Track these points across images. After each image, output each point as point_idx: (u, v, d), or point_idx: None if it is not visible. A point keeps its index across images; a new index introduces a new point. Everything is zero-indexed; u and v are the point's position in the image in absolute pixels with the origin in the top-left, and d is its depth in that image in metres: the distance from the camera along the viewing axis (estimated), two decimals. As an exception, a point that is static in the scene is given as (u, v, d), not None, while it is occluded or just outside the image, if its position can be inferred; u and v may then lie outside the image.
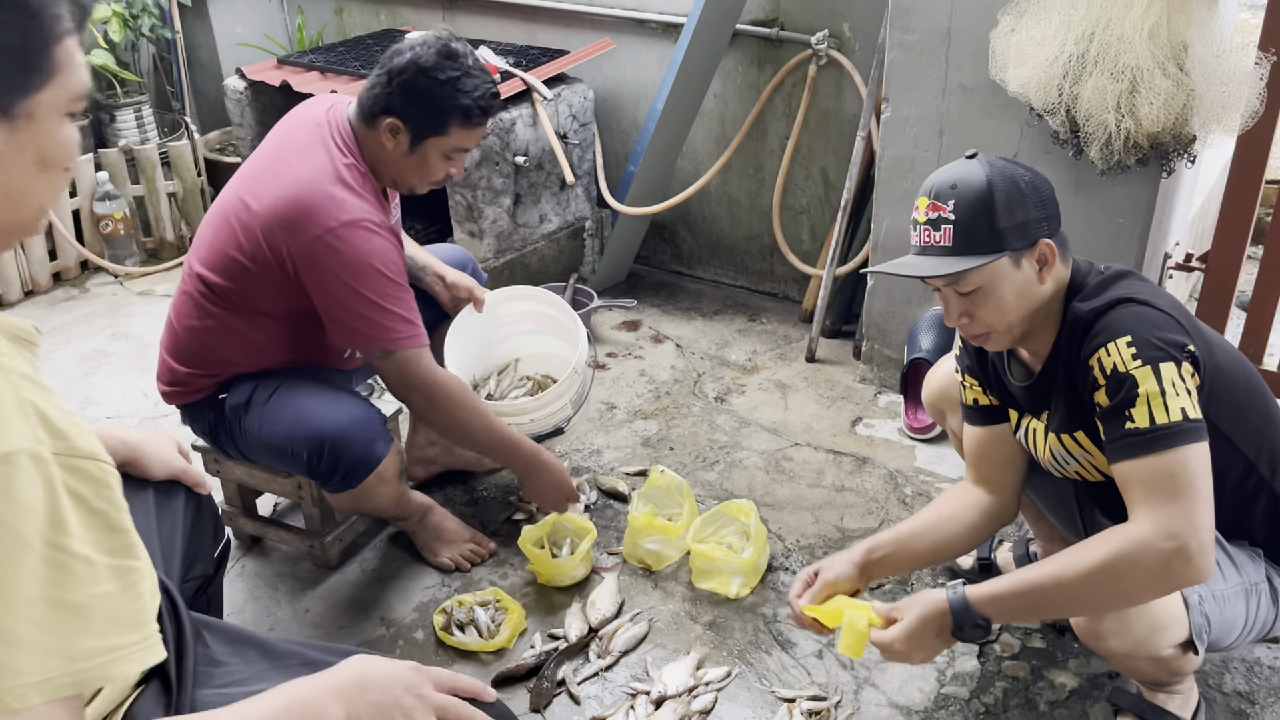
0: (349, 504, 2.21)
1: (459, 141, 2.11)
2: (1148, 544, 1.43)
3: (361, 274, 1.99)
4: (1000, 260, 1.57)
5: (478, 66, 2.09)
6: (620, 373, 3.20)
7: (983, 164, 1.60)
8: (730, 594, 2.24)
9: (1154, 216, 2.44)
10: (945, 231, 1.59)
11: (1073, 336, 1.61)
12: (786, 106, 3.36)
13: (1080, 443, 1.68)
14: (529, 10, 3.78)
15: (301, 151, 2.06)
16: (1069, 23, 2.18)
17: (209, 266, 2.09)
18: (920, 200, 1.63)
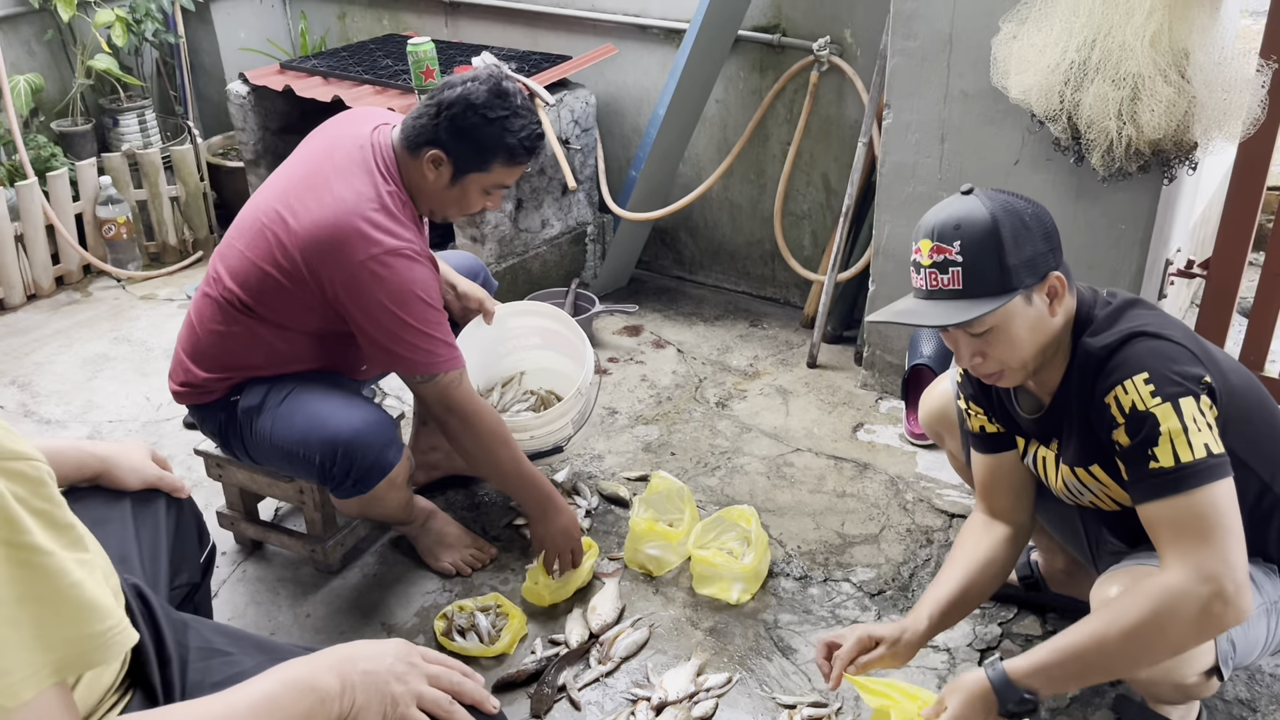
0: (358, 509, 2.21)
1: (500, 178, 2.13)
2: (1185, 592, 1.41)
3: (405, 301, 2.01)
4: (1013, 300, 1.53)
5: (526, 106, 2.11)
6: (622, 378, 3.20)
7: (982, 199, 1.55)
8: (731, 600, 2.24)
9: (1155, 223, 2.44)
10: (954, 274, 1.53)
11: (1085, 371, 1.58)
12: (788, 112, 3.37)
13: (1096, 476, 1.66)
14: (531, 16, 3.78)
15: (344, 172, 2.06)
16: (1070, 30, 2.18)
17: (240, 276, 2.09)
18: (922, 243, 1.58)
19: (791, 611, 2.23)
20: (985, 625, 2.16)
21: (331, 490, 2.15)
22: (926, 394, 2.08)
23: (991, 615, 2.18)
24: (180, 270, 4.01)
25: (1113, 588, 1.59)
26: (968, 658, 2.09)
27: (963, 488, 2.58)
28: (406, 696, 1.16)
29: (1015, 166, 2.55)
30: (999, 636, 2.13)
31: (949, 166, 2.65)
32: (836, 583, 2.31)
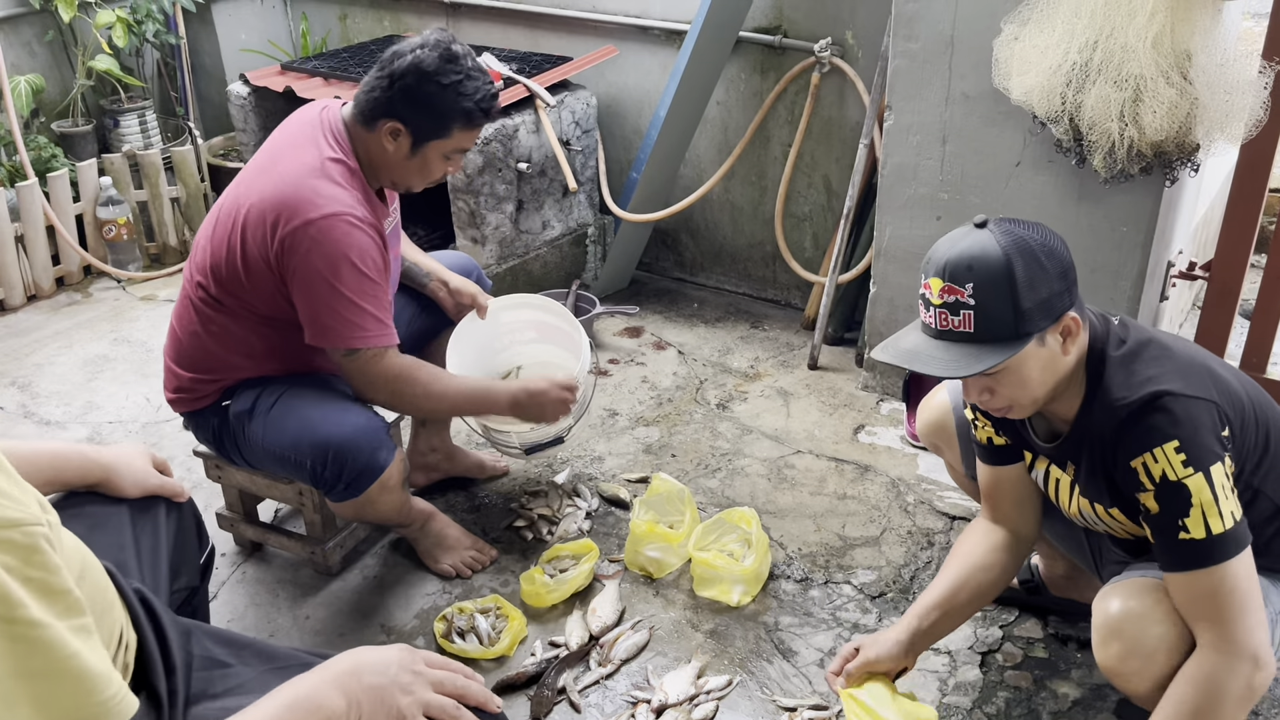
0: (352, 512, 2.20)
1: (459, 143, 2.11)
2: (1230, 671, 1.44)
3: (337, 267, 1.98)
4: (1027, 345, 1.49)
5: (477, 68, 2.09)
6: (622, 379, 3.19)
7: (996, 236, 1.48)
8: (732, 602, 2.23)
9: (1157, 225, 2.44)
10: (965, 317, 1.48)
11: (1106, 419, 1.55)
12: (789, 114, 3.36)
13: (1115, 516, 1.65)
14: (532, 17, 3.78)
15: (291, 149, 2.07)
16: (1072, 31, 2.18)
17: (206, 271, 2.10)
18: (932, 280, 1.52)
19: (792, 614, 2.22)
20: (986, 628, 2.16)
21: (325, 494, 2.14)
22: (923, 406, 2.05)
23: (993, 618, 2.18)
24: (180, 271, 4.01)
25: (1114, 601, 1.57)
26: (969, 660, 2.08)
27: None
28: (413, 707, 1.15)
29: (1017, 168, 2.54)
30: (1000, 639, 2.13)
31: (950, 168, 2.65)
32: (838, 585, 2.31)
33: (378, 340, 2.05)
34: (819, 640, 2.15)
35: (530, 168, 3.32)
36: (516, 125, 3.26)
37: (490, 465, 2.72)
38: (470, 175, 3.18)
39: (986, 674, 2.05)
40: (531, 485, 2.68)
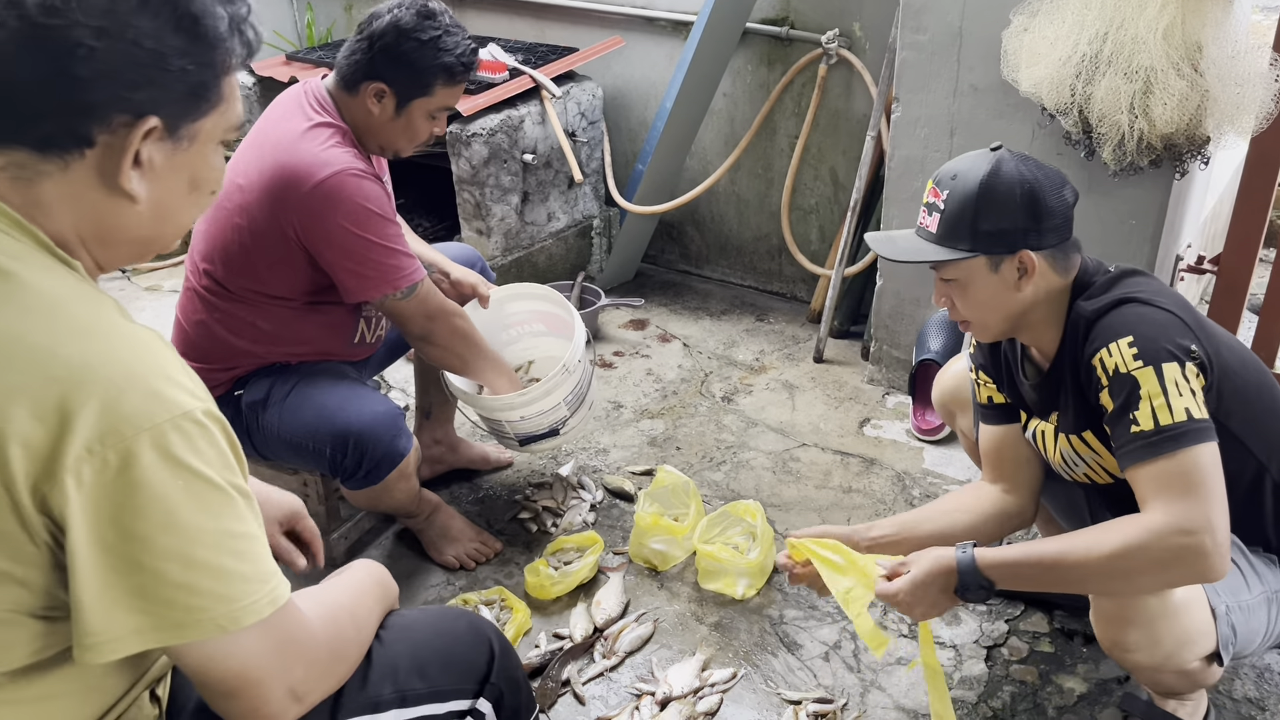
0: (367, 500, 2.21)
1: (443, 100, 2.12)
2: (1162, 536, 1.41)
3: (362, 219, 2.00)
4: (974, 260, 1.59)
5: (455, 24, 2.11)
6: (627, 372, 3.19)
7: (990, 161, 1.59)
8: (736, 595, 2.23)
9: (1166, 218, 2.43)
10: (934, 219, 1.61)
11: (1075, 336, 1.60)
12: (796, 106, 3.35)
13: (1088, 443, 1.67)
14: (538, 7, 3.77)
15: (280, 125, 2.07)
16: (1082, 23, 2.16)
17: (210, 257, 2.09)
18: (929, 182, 1.65)
19: (797, 607, 2.22)
20: (992, 622, 2.15)
21: (342, 482, 2.14)
22: (942, 372, 2.10)
23: (999, 612, 2.17)
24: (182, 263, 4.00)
25: None
26: (974, 654, 2.08)
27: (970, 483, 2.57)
28: None
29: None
30: (1005, 634, 2.12)
31: (958, 161, 2.64)
32: (842, 578, 2.30)
33: (420, 274, 2.10)
34: (824, 634, 2.14)
35: (536, 159, 3.32)
36: (522, 116, 3.25)
37: (495, 457, 2.71)
38: (476, 166, 3.18)
39: (992, 668, 2.05)
40: (536, 477, 2.68)
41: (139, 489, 0.90)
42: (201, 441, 0.94)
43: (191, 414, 0.93)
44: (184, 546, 0.92)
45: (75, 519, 0.89)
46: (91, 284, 0.99)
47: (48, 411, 0.88)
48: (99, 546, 0.90)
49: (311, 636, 1.07)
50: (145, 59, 0.94)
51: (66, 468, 0.88)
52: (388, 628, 1.28)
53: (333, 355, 2.23)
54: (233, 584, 0.95)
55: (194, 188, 1.04)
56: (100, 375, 0.90)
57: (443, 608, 1.44)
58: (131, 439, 0.89)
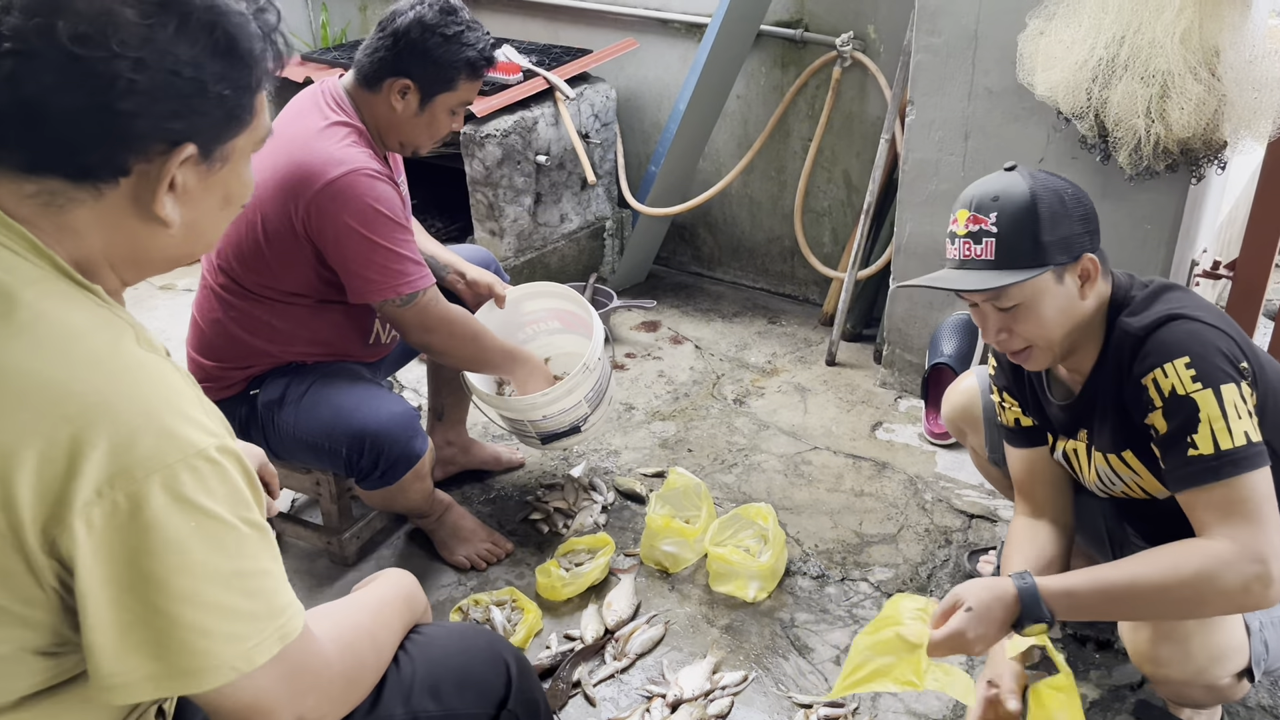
0: (382, 500, 2.21)
1: (465, 95, 2.15)
2: (1231, 563, 1.38)
3: (370, 219, 2.00)
4: (1043, 275, 1.52)
5: (475, 20, 2.14)
6: (639, 373, 3.19)
7: (1024, 176, 1.55)
8: (748, 598, 2.22)
9: (1182, 223, 2.41)
10: (987, 245, 1.53)
11: (1121, 353, 1.56)
12: (810, 108, 3.35)
13: (1128, 462, 1.63)
14: (552, 9, 3.77)
15: (296, 123, 2.08)
16: (1099, 26, 2.15)
17: (226, 255, 2.10)
18: (959, 213, 1.58)
19: (808, 610, 2.22)
20: (1004, 627, 2.14)
21: (358, 482, 2.15)
22: (951, 389, 2.06)
23: (1011, 617, 2.16)
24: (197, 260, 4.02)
25: None
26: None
27: (982, 488, 2.56)
28: None
29: (1040, 164, 2.52)
30: (1018, 639, 2.11)
31: (972, 164, 2.63)
32: (854, 582, 2.30)
33: (424, 282, 2.09)
34: (835, 637, 2.14)
35: (549, 160, 3.32)
36: (535, 118, 3.26)
37: (506, 458, 2.72)
38: (489, 168, 3.18)
39: (1004, 673, 2.04)
40: (548, 478, 2.68)
41: (151, 531, 0.89)
42: (214, 480, 0.93)
43: (205, 452, 0.92)
44: (196, 587, 0.91)
45: (85, 563, 0.88)
46: (110, 309, 0.97)
47: (58, 452, 0.87)
48: (112, 589, 0.89)
49: (326, 664, 1.06)
50: (186, 89, 0.92)
51: (76, 512, 0.87)
52: (407, 644, 1.27)
53: (348, 355, 2.23)
54: (244, 623, 0.95)
55: (226, 204, 1.04)
56: (112, 414, 0.88)
57: (462, 624, 1.43)
58: (142, 481, 0.88)
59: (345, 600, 1.25)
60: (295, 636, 0.99)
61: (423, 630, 1.31)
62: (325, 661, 1.06)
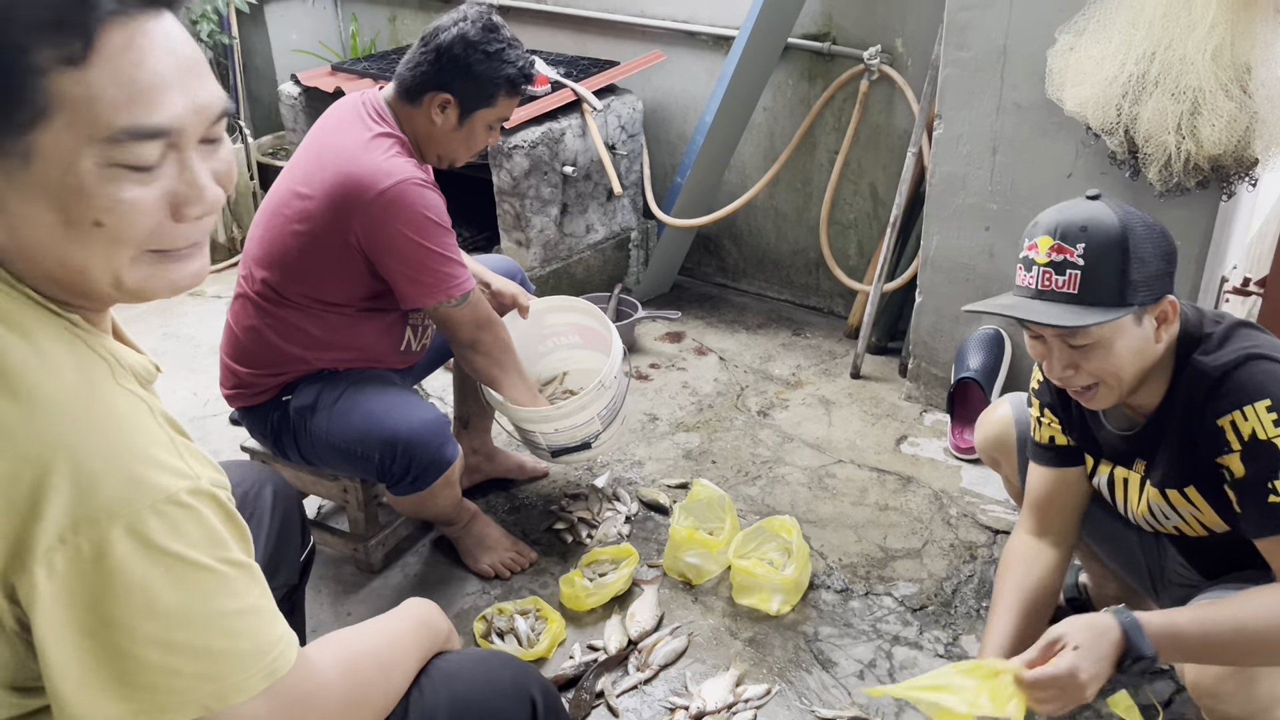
0: (411, 506, 2.24)
1: (502, 111, 2.20)
2: None
3: (422, 227, 2.05)
4: (1127, 315, 1.47)
5: (515, 38, 2.18)
6: (663, 384, 3.19)
7: (1112, 207, 1.49)
8: (771, 611, 2.22)
9: (1212, 239, 2.40)
10: (1071, 277, 1.47)
11: (1194, 391, 1.51)
12: (836, 121, 3.35)
13: (1190, 499, 1.59)
14: (580, 21, 3.80)
15: (339, 134, 2.12)
16: (1129, 42, 2.15)
17: (266, 264, 2.13)
18: (1041, 239, 1.51)
19: (832, 624, 2.21)
20: (1029, 644, 2.13)
21: (389, 487, 2.16)
22: (984, 418, 2.02)
23: (1036, 634, 2.15)
24: (228, 268, 4.07)
25: None
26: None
27: (1008, 503, 2.55)
28: None
29: (1069, 180, 2.51)
30: (1043, 656, 2.10)
31: (1000, 178, 2.63)
32: (878, 597, 2.29)
33: (472, 282, 2.16)
34: (859, 651, 2.14)
35: (576, 171, 3.34)
36: (563, 129, 3.28)
37: (530, 467, 2.73)
38: (516, 178, 3.20)
39: (1029, 691, 2.02)
40: (571, 488, 2.69)
41: (115, 577, 0.86)
42: (187, 523, 0.90)
43: (174, 496, 0.89)
44: (166, 632, 0.89)
45: (45, 608, 0.86)
46: (85, 342, 0.93)
47: (20, 496, 0.84)
48: (74, 634, 0.87)
49: (323, 689, 1.04)
50: None
51: (37, 558, 0.84)
52: (430, 674, 1.25)
53: (380, 362, 2.26)
54: (220, 663, 0.92)
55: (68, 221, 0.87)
56: (76, 458, 0.86)
57: (488, 654, 1.41)
58: (106, 527, 0.86)
59: (355, 626, 1.24)
60: (285, 671, 0.97)
61: (447, 659, 1.29)
62: (322, 685, 1.04)
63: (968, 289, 2.80)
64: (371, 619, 1.28)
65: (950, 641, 2.15)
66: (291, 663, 0.99)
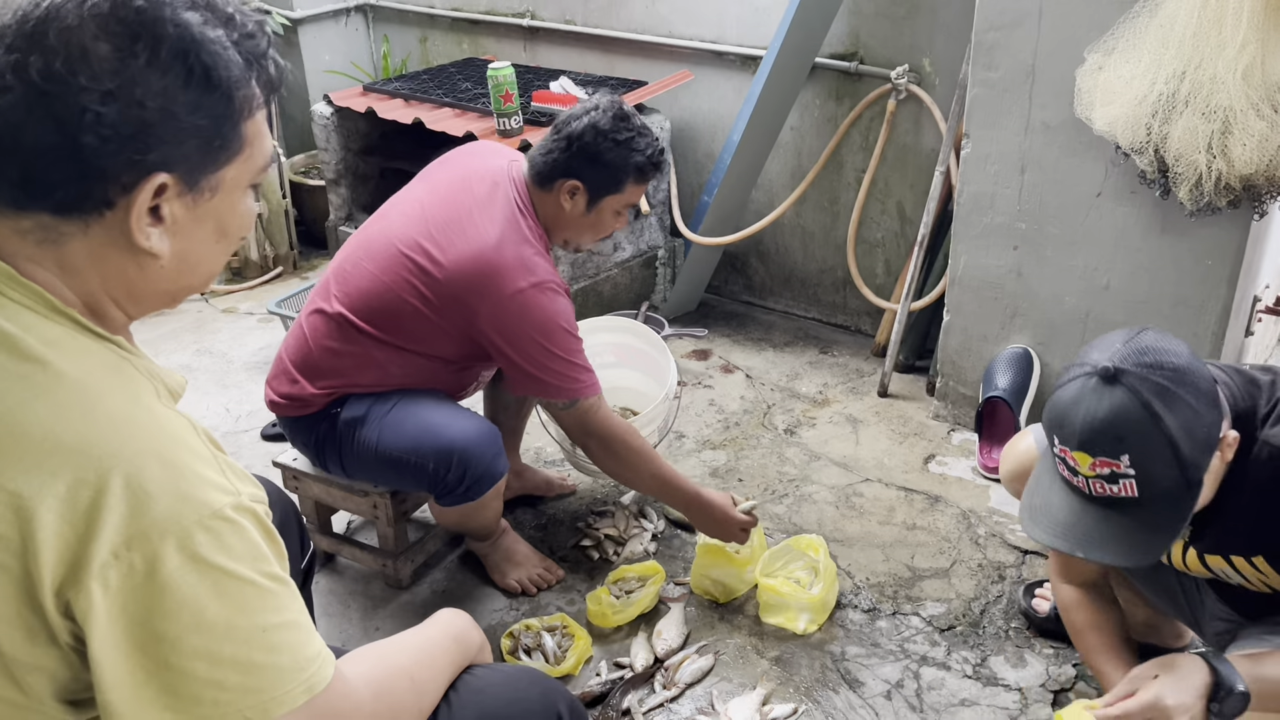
0: (458, 518, 2.26)
1: (630, 197, 2.23)
2: None
3: (550, 333, 2.09)
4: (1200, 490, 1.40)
5: (645, 126, 2.22)
6: (689, 402, 3.20)
7: (1128, 392, 1.36)
8: (798, 630, 2.22)
9: (1244, 259, 2.38)
10: (1125, 485, 1.38)
11: (1262, 468, 1.45)
12: (864, 140, 3.36)
13: (1258, 566, 1.54)
14: (608, 41, 3.83)
15: (486, 207, 2.13)
16: (1159, 62, 2.15)
17: (370, 298, 2.12)
18: (1078, 455, 1.40)
19: (859, 644, 2.20)
20: (1059, 666, 2.11)
21: (440, 498, 2.18)
22: (1009, 450, 2.00)
23: (1065, 656, 2.14)
24: (261, 285, 4.12)
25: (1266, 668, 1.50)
26: (1040, 698, 2.04)
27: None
28: None
29: (1097, 199, 2.51)
30: (1074, 678, 2.08)
31: (1029, 198, 2.62)
32: (906, 616, 2.28)
33: (590, 390, 2.17)
34: (886, 671, 2.13)
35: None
36: (591, 148, 3.30)
37: (558, 483, 2.74)
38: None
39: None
40: (598, 505, 2.70)
41: (166, 592, 0.90)
42: (231, 537, 0.93)
43: (220, 512, 0.93)
44: (212, 645, 0.92)
45: (100, 624, 0.89)
46: (129, 363, 0.98)
47: (77, 515, 0.88)
48: (126, 648, 0.90)
49: (356, 707, 1.06)
50: (154, 119, 0.92)
51: (92, 574, 0.88)
52: (459, 689, 1.26)
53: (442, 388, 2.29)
54: (262, 677, 0.95)
55: (221, 236, 1.02)
56: (129, 477, 0.89)
57: (517, 669, 1.41)
58: (158, 543, 0.89)
59: (388, 640, 1.26)
60: (323, 687, 0.99)
61: (476, 674, 1.30)
62: (356, 704, 1.06)
63: (996, 308, 2.79)
64: (406, 632, 1.29)
65: (979, 662, 2.14)
66: (329, 679, 1.00)
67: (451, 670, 1.27)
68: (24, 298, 0.94)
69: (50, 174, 0.91)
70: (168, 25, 0.92)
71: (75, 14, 0.90)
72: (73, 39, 0.89)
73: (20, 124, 0.89)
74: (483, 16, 4.18)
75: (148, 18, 0.91)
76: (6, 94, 0.89)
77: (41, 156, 0.90)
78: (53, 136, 0.90)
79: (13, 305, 0.94)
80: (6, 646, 0.91)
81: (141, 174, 0.92)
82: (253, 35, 0.98)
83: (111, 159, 0.91)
